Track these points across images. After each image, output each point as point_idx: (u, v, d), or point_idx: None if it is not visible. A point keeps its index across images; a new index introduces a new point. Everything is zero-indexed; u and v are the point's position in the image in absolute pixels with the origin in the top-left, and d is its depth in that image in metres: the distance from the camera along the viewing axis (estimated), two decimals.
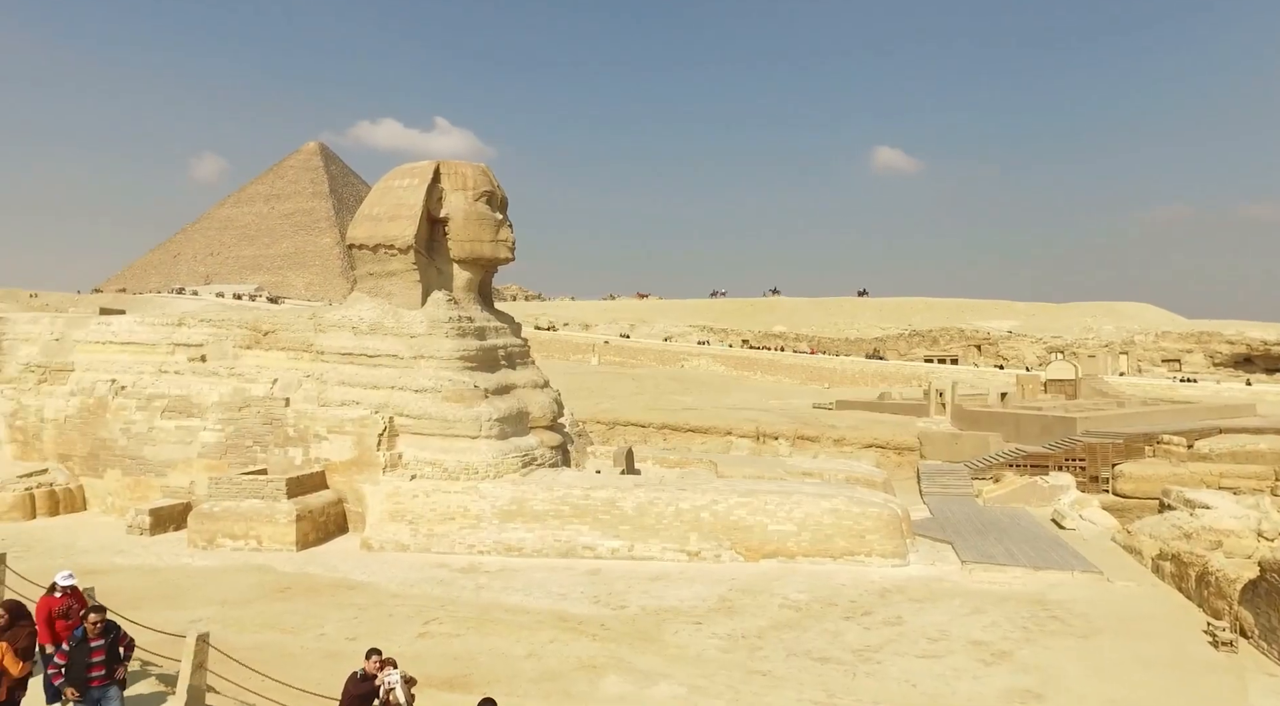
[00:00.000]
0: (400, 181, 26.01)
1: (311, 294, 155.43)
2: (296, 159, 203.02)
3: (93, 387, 26.16)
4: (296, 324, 26.28)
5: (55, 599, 9.83)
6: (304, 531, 21.36)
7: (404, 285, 25.08)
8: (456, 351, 23.92)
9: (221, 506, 21.44)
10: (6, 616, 8.87)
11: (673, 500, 21.00)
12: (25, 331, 28.77)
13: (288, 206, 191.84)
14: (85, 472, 25.83)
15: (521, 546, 20.76)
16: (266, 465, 23.58)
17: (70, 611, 9.65)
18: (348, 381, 23.69)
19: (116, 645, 8.16)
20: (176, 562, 20.01)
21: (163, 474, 24.63)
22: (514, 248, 26.25)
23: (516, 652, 14.23)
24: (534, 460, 23.36)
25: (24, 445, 26.69)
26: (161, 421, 25.05)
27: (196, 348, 26.66)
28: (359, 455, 22.69)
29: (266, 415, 24.17)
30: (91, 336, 28.05)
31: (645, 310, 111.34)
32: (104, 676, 7.90)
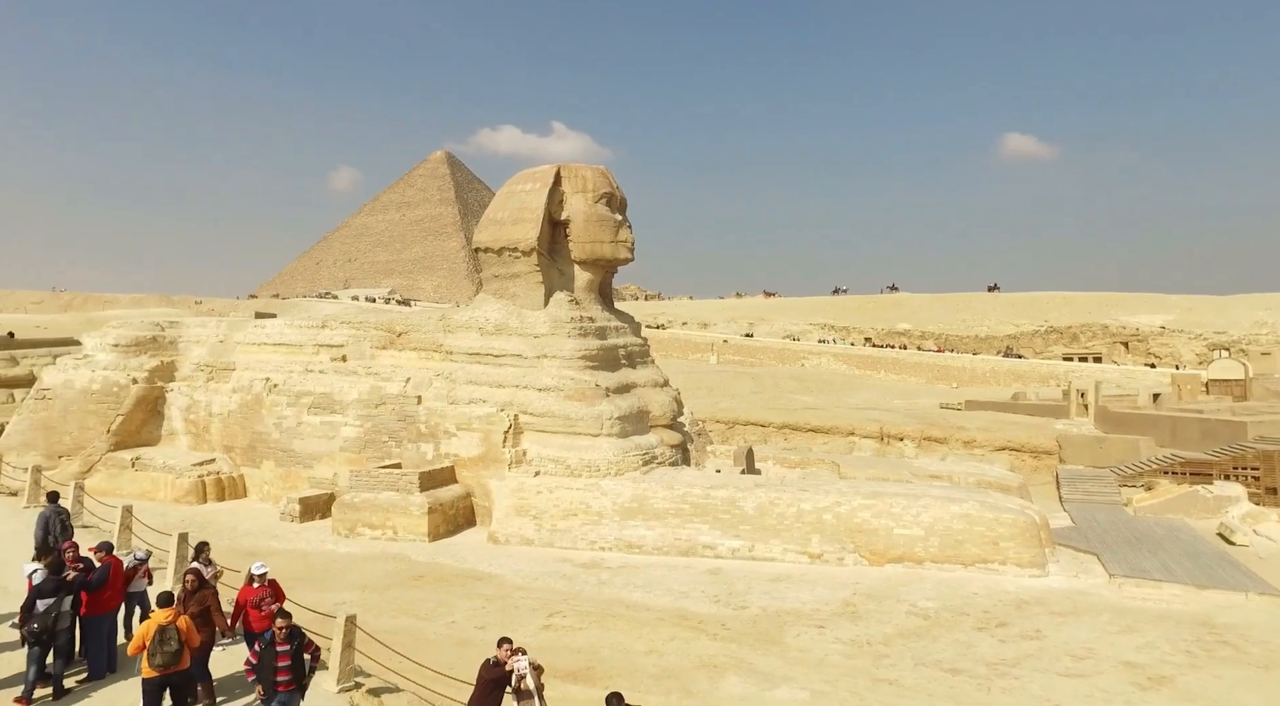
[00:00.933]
0: (522, 186, 26.84)
1: (439, 296, 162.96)
2: (425, 168, 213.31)
3: (250, 385, 28.40)
4: (427, 325, 27.61)
5: (252, 589, 10.38)
6: (435, 523, 22.39)
7: (527, 286, 25.86)
8: (578, 351, 24.45)
9: (361, 498, 22.78)
10: (195, 580, 9.88)
11: (794, 501, 20.65)
12: (196, 334, 31.62)
13: (417, 213, 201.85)
14: (245, 463, 28.07)
15: (642, 543, 20.96)
16: (401, 459, 24.88)
17: (263, 602, 10.16)
18: (475, 380, 24.67)
19: (302, 651, 8.44)
20: (322, 548, 21.41)
21: (309, 466, 26.43)
22: (633, 248, 26.57)
23: (638, 648, 14.37)
24: (654, 458, 23.54)
25: (196, 437, 29.30)
26: (308, 417, 26.88)
27: (338, 348, 28.50)
28: (485, 451, 23.57)
29: (400, 412, 25.51)
30: (249, 338, 30.49)
31: (764, 308, 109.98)
32: (289, 681, 8.20)
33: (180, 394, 29.96)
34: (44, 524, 13.20)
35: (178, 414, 29.91)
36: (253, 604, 10.19)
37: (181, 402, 29.83)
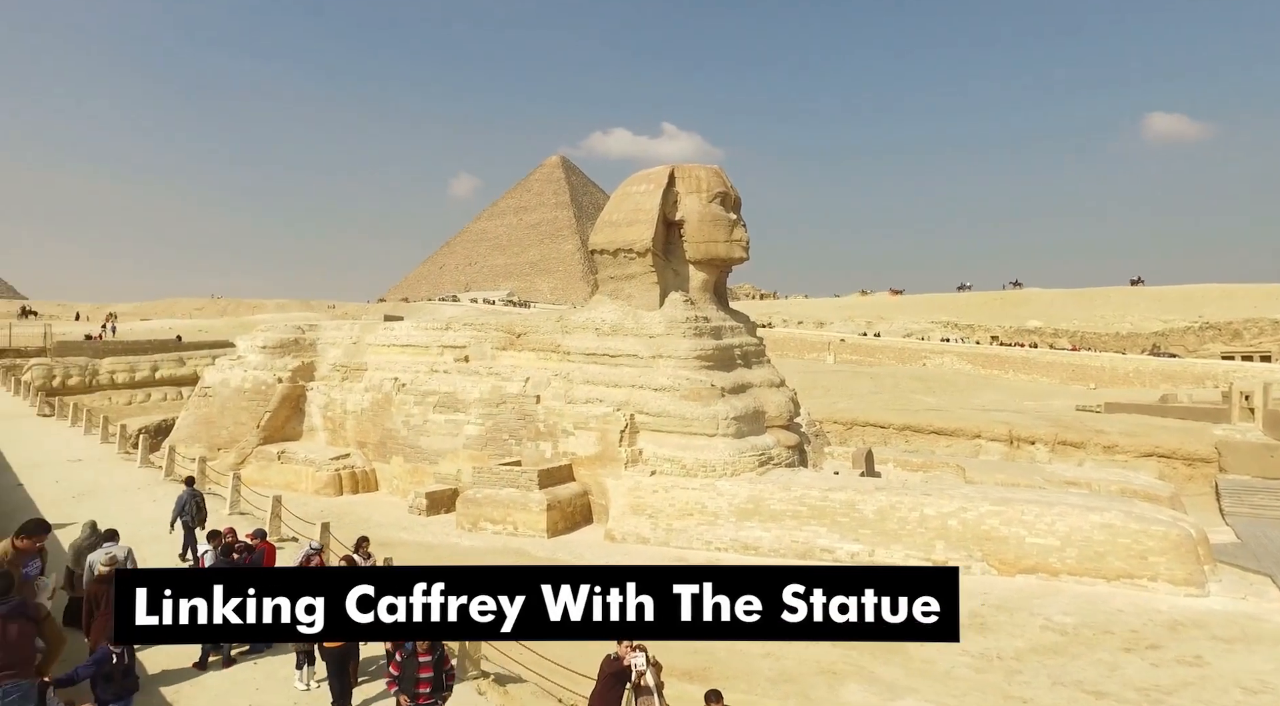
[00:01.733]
0: (637, 187, 27.07)
1: (555, 298, 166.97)
2: (540, 172, 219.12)
3: (381, 385, 29.99)
4: (545, 326, 28.31)
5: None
6: (554, 520, 22.92)
7: (642, 287, 26.07)
8: (693, 351, 24.43)
9: (483, 493, 23.60)
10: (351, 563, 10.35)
11: (916, 505, 19.86)
12: (332, 337, 33.70)
13: (534, 217, 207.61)
14: (376, 458, 29.66)
15: (758, 545, 20.71)
16: (520, 457, 25.61)
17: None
18: (591, 380, 25.09)
19: (443, 663, 8.39)
20: (447, 541, 22.32)
21: (435, 462, 27.62)
22: (748, 247, 26.31)
23: (754, 651, 14.19)
24: (770, 459, 23.22)
25: (333, 433, 31.23)
26: (433, 415, 28.10)
27: (461, 349, 29.66)
28: (602, 450, 23.92)
29: (520, 411, 26.26)
30: (378, 340, 32.21)
31: (883, 307, 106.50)
32: (430, 694, 8.19)
33: (319, 392, 31.97)
34: (180, 505, 14.72)
35: (316, 411, 31.93)
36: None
37: (320, 401, 31.82)
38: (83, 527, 11.35)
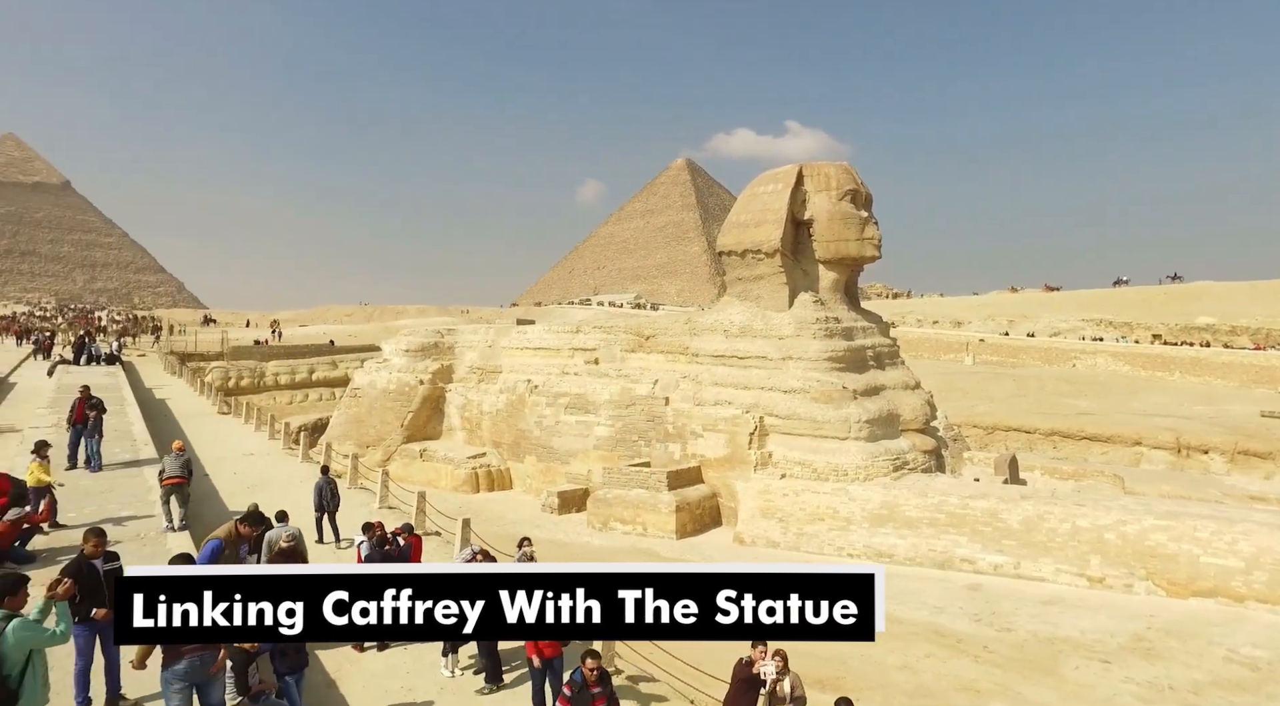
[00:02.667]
0: (764, 187, 26.77)
1: (683, 300, 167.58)
2: (666, 176, 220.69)
3: (514, 386, 31.10)
4: (673, 328, 28.48)
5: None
6: (683, 521, 22.99)
7: (771, 288, 25.74)
8: (824, 352, 23.89)
9: (613, 494, 23.99)
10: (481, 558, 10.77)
11: (1068, 515, 18.53)
12: (468, 340, 35.28)
13: (660, 220, 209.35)
14: (510, 457, 30.78)
15: (892, 553, 19.98)
16: (650, 458, 25.86)
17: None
18: (720, 382, 25.01)
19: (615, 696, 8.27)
20: (579, 539, 22.83)
21: (566, 462, 28.33)
22: (880, 245, 25.47)
23: (889, 662, 13.69)
24: (905, 464, 22.36)
25: (470, 433, 32.69)
26: (565, 416, 28.84)
27: (590, 351, 30.30)
28: (731, 452, 23.79)
29: (649, 412, 26.52)
30: (512, 343, 33.42)
31: (1029, 304, 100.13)
32: None
33: (457, 394, 33.53)
34: (318, 491, 16.03)
35: (455, 412, 33.50)
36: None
37: (458, 402, 33.37)
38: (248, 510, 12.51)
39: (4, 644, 6.13)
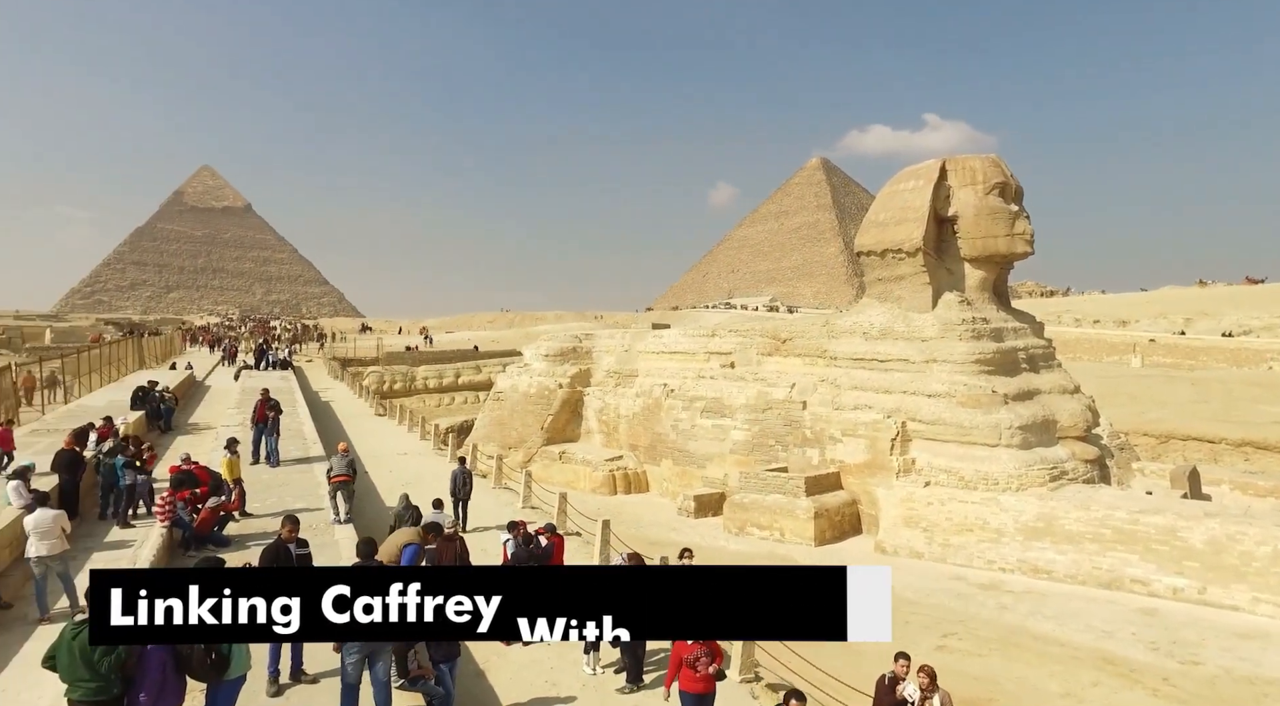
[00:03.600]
0: (904, 184, 25.77)
1: (819, 302, 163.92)
2: (800, 176, 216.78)
3: (650, 390, 31.46)
4: (810, 331, 27.91)
5: (688, 646, 8.59)
6: (821, 528, 22.46)
7: (913, 288, 24.73)
8: (970, 354, 22.69)
9: (750, 498, 23.77)
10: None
11: (1267, 538, 16.59)
12: (605, 345, 36.05)
13: (795, 221, 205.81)
14: (647, 461, 31.14)
15: (1050, 569, 18.64)
16: (787, 463, 25.44)
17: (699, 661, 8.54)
18: (859, 385, 24.27)
19: None
20: (715, 544, 22.76)
21: (702, 465, 28.34)
22: (1032, 241, 23.90)
23: (1050, 688, 12.79)
24: (1064, 474, 20.83)
25: (607, 436, 33.37)
26: (700, 420, 28.87)
27: (726, 355, 30.19)
28: (871, 458, 23.02)
29: (786, 417, 26.10)
30: (648, 347, 33.83)
31: (1209, 300, 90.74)
32: None
33: (594, 397, 34.31)
34: (454, 479, 17.17)
35: (592, 415, 34.29)
36: (688, 663, 8.49)
37: (595, 405, 34.13)
38: (399, 499, 13.50)
39: None
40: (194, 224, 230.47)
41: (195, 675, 6.85)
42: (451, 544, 11.57)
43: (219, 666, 6.90)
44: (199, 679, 6.92)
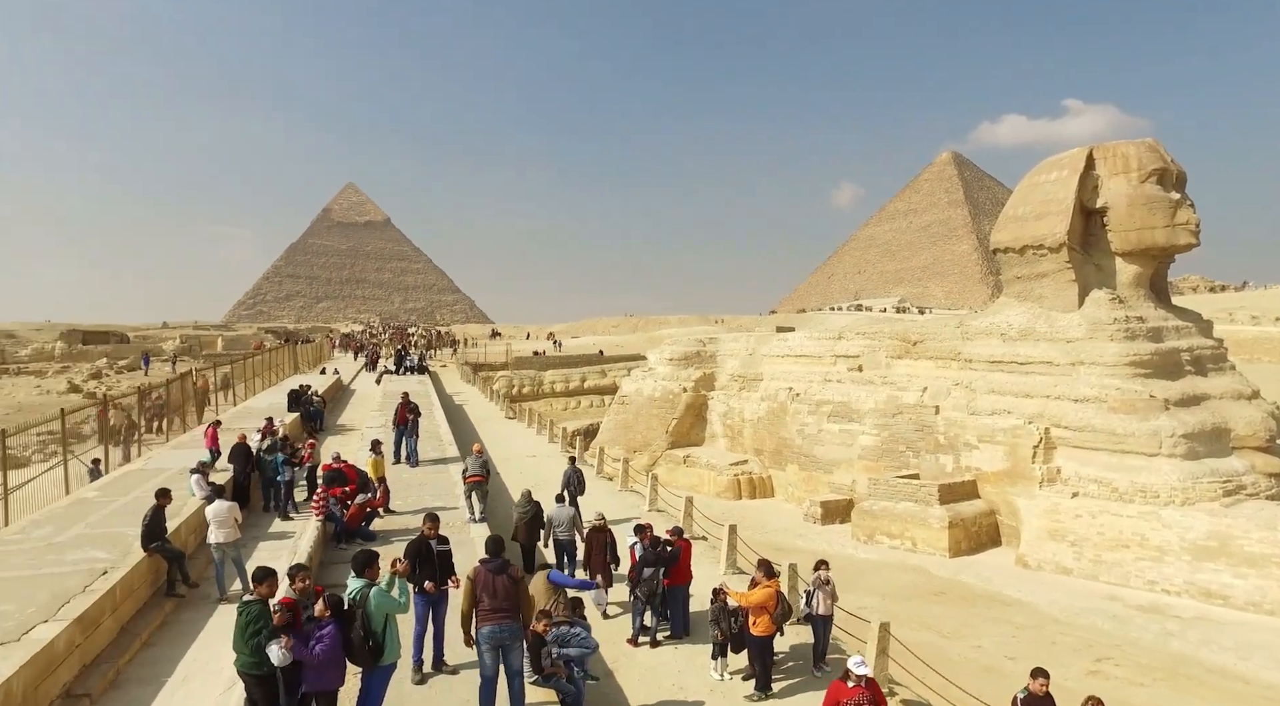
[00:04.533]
0: (1047, 176, 24.24)
1: (950, 302, 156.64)
2: (930, 172, 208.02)
3: (775, 394, 31.03)
4: (943, 333, 26.71)
5: (847, 689, 7.84)
6: (956, 538, 21.43)
7: (1056, 286, 23.21)
8: (1124, 356, 21.03)
9: (879, 506, 23.00)
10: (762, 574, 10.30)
11: None
12: (729, 348, 35.88)
13: (924, 219, 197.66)
14: (772, 465, 30.74)
15: (1226, 594, 16.97)
16: (918, 470, 24.45)
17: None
18: (997, 389, 23.00)
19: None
20: (842, 552, 22.16)
21: (829, 471, 27.68)
22: (1198, 231, 21.91)
23: None
24: (1240, 488, 18.92)
25: (732, 440, 33.20)
26: (827, 424, 28.20)
27: (853, 358, 29.36)
28: (1011, 466, 21.76)
29: (917, 422, 25.10)
30: (772, 351, 33.39)
31: None
32: None
33: (718, 401, 34.20)
34: (566, 478, 17.41)
35: (716, 419, 34.18)
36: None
37: (719, 409, 34.01)
38: (521, 495, 14.17)
39: (369, 606, 7.49)
40: (339, 238, 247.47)
41: (354, 659, 7.34)
42: (601, 534, 12.72)
43: (375, 653, 7.39)
44: (357, 663, 7.41)
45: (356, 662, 7.42)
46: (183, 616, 10.94)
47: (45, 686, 7.86)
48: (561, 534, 13.78)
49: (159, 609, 10.80)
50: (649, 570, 11.29)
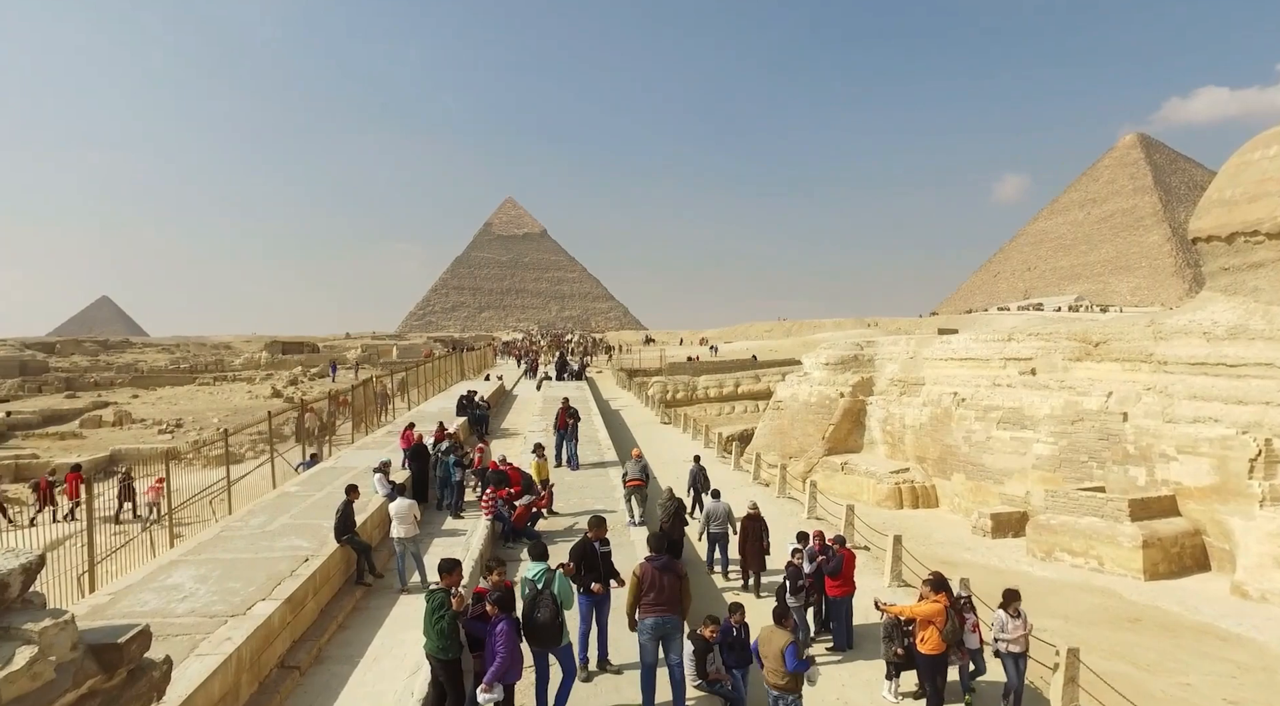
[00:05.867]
0: (1264, 151, 21.61)
1: (1138, 299, 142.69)
2: (1111, 157, 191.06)
3: (939, 399, 29.51)
4: (1131, 333, 24.40)
5: None
6: (1152, 560, 19.46)
7: (1275, 277, 20.59)
8: None
9: (1058, 520, 21.31)
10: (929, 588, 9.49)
11: None
12: (888, 352, 34.53)
13: (1105, 209, 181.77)
14: (935, 474, 29.24)
15: None
16: (1103, 482, 22.45)
17: None
18: (1200, 395, 20.68)
19: None
20: (1016, 568, 20.69)
21: (1000, 481, 25.96)
22: None
23: None
24: None
25: (892, 447, 31.89)
26: (997, 432, 26.48)
27: (1025, 361, 27.40)
28: (1221, 481, 19.47)
29: (1101, 430, 23.05)
30: (935, 354, 31.78)
31: None
32: None
33: (877, 407, 32.96)
34: (692, 476, 18.03)
35: (875, 425, 32.95)
36: None
37: (878, 415, 32.76)
38: (664, 492, 14.67)
39: (560, 586, 8.05)
40: (500, 250, 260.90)
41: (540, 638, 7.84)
42: (755, 522, 13.39)
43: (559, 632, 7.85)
44: (544, 643, 7.88)
45: (543, 643, 7.88)
46: (370, 603, 11.85)
47: (265, 656, 8.80)
48: (715, 528, 14.26)
49: (350, 595, 11.75)
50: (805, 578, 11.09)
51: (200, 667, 7.46)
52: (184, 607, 9.17)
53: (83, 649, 4.34)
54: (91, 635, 4.52)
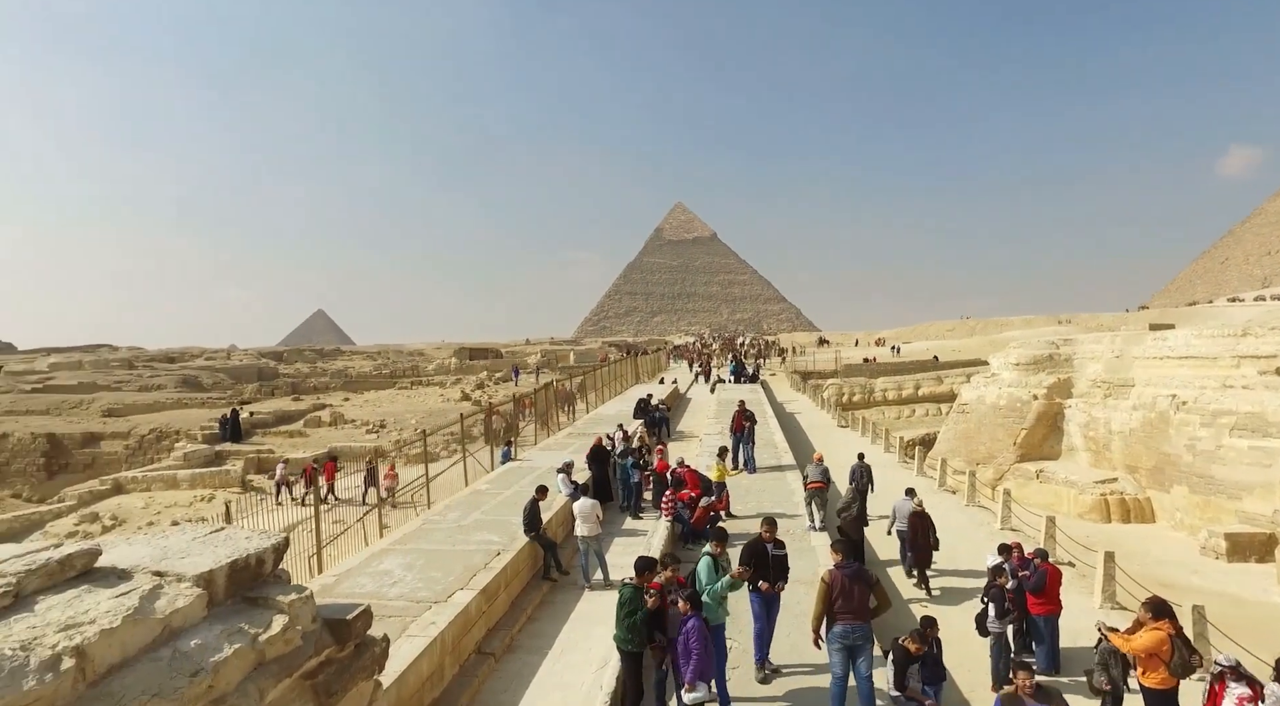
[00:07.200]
0: None
1: None
2: None
3: (1153, 402, 26.55)
4: None
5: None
6: None
7: None
8: None
9: None
10: (1149, 614, 8.27)
11: None
12: (1090, 351, 31.54)
13: None
14: (1150, 485, 26.31)
15: None
16: None
17: None
18: None
19: None
20: (1262, 598, 18.15)
21: (1235, 496, 22.94)
22: None
23: None
24: None
25: (1095, 454, 29.06)
26: (1229, 440, 23.42)
27: (1267, 359, 24.06)
28: None
29: None
30: (1148, 352, 28.63)
31: None
32: None
33: (1077, 410, 30.18)
34: (853, 471, 18.01)
35: (1076, 430, 30.17)
36: None
37: (1079, 419, 29.99)
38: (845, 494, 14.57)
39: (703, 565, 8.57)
40: (670, 255, 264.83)
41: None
42: (922, 519, 13.60)
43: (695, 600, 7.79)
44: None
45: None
46: (556, 598, 12.39)
47: (464, 641, 9.47)
48: (899, 525, 14.46)
49: (538, 590, 12.35)
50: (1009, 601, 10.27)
51: (411, 648, 8.14)
52: (394, 592, 10.04)
53: (320, 622, 4.87)
54: (325, 610, 5.07)
